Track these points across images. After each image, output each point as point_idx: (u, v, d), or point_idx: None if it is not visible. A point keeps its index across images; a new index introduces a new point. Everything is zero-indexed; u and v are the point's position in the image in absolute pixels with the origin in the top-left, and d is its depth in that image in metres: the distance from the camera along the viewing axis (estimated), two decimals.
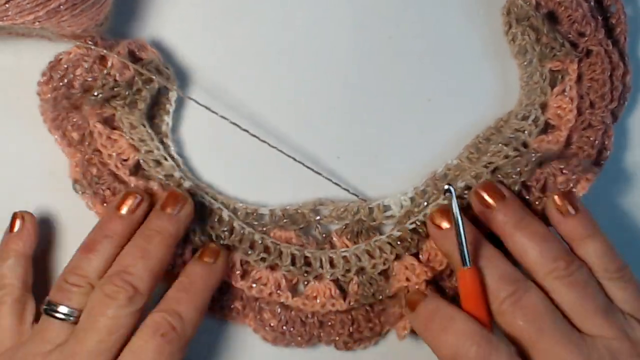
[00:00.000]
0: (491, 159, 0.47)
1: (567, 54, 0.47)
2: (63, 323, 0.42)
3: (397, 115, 0.50)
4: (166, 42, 0.49)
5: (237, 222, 0.47)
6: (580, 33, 0.47)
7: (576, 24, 0.47)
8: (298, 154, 0.49)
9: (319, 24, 0.50)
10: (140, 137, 0.47)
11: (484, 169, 0.47)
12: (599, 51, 0.47)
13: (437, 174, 0.49)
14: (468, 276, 0.43)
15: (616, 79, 0.48)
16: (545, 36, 0.47)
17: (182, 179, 0.47)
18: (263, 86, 0.50)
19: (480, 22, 0.51)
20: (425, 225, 0.47)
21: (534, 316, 0.42)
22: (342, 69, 0.50)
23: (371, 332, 0.48)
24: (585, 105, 0.48)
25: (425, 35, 0.50)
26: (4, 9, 0.42)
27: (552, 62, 0.48)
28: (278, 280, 0.46)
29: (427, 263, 0.46)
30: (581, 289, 0.43)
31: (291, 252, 0.47)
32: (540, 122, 0.48)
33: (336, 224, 0.49)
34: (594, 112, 0.48)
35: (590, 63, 0.48)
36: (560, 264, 0.43)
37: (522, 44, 0.48)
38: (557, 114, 0.48)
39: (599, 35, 0.47)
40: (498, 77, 0.50)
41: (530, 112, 0.48)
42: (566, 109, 0.47)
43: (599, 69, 0.47)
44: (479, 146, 0.49)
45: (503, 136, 0.48)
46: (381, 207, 0.49)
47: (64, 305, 0.43)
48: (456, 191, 0.45)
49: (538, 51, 0.48)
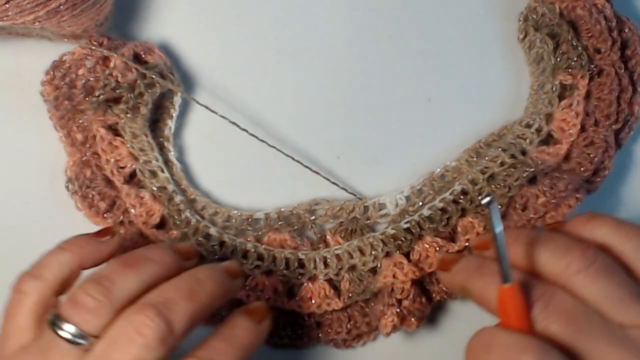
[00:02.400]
0: (488, 164, 0.47)
1: (582, 66, 0.47)
2: (71, 348, 0.35)
3: (397, 115, 0.50)
4: (174, 45, 0.49)
5: (227, 236, 0.47)
6: (596, 49, 0.47)
7: (593, 39, 0.47)
8: (298, 153, 0.49)
9: (320, 24, 0.50)
10: (141, 147, 0.47)
11: (480, 174, 0.47)
12: (610, 72, 0.47)
13: (434, 174, 0.49)
14: (512, 293, 0.38)
15: (623, 102, 0.48)
16: (566, 44, 0.47)
17: (175, 193, 0.47)
18: (264, 87, 0.49)
19: (480, 23, 0.50)
20: (419, 225, 0.47)
21: (567, 318, 0.37)
22: (342, 69, 0.50)
23: (368, 327, 0.48)
24: (589, 123, 0.47)
25: (425, 35, 0.50)
26: (4, 9, 0.42)
27: (564, 74, 0.47)
28: (275, 285, 0.46)
29: (416, 263, 0.46)
30: (606, 278, 0.38)
31: (285, 256, 0.47)
32: (542, 132, 0.48)
33: (331, 223, 0.49)
34: (597, 130, 0.47)
35: (600, 83, 0.47)
36: (575, 254, 0.38)
37: (540, 52, 0.48)
38: (560, 127, 0.48)
39: (613, 56, 0.47)
40: (498, 77, 0.50)
41: (534, 120, 0.48)
42: (570, 123, 0.47)
43: (607, 89, 0.47)
44: (479, 150, 0.49)
45: (504, 141, 0.48)
46: (376, 206, 0.49)
47: (72, 325, 0.36)
48: (455, 195, 0.45)
49: (553, 61, 0.48)
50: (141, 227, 0.46)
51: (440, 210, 0.47)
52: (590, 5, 0.47)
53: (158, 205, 0.46)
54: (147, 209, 0.46)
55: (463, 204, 0.47)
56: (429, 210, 0.47)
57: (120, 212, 0.47)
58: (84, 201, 0.47)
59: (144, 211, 0.46)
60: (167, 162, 0.48)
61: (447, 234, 0.47)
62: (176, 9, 0.49)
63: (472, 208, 0.47)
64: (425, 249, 0.46)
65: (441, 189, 0.48)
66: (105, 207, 0.46)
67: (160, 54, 0.47)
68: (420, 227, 0.47)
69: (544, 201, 0.45)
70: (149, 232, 0.46)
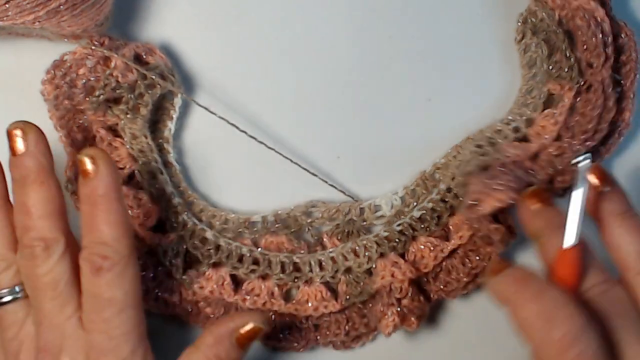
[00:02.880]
0: (464, 157, 0.47)
1: (572, 78, 0.46)
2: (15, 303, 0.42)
3: (397, 115, 0.50)
4: (174, 46, 0.49)
5: (223, 240, 0.47)
6: (589, 63, 0.47)
7: (587, 52, 0.47)
8: (297, 155, 0.49)
9: (320, 25, 0.50)
10: (141, 148, 0.47)
11: (457, 170, 0.47)
12: (597, 89, 0.46)
13: (426, 173, 0.49)
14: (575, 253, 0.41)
15: (604, 122, 0.47)
16: (560, 53, 0.47)
17: (173, 195, 0.47)
18: (264, 88, 0.49)
19: (480, 23, 0.50)
20: (412, 227, 0.47)
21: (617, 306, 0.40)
22: (342, 69, 0.50)
23: (366, 327, 0.48)
24: (567, 135, 0.47)
25: (425, 35, 0.50)
26: (4, 9, 0.42)
27: (553, 83, 0.47)
28: (271, 289, 0.46)
29: (412, 264, 0.47)
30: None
31: (280, 259, 0.47)
32: (520, 133, 0.47)
33: (328, 225, 0.49)
34: (572, 143, 0.47)
35: (586, 99, 0.47)
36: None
37: (533, 57, 0.48)
38: (537, 132, 0.47)
39: (604, 73, 0.46)
40: (498, 78, 0.50)
41: (515, 120, 0.48)
42: (548, 129, 0.47)
43: (591, 106, 0.46)
44: (464, 146, 0.49)
45: (481, 136, 0.48)
46: (372, 207, 0.49)
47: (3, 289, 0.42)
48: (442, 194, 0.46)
49: (545, 68, 0.48)
50: (138, 229, 0.46)
51: (431, 210, 0.47)
52: (590, 16, 0.46)
53: (155, 207, 0.46)
54: (145, 211, 0.46)
55: (450, 201, 0.47)
56: (420, 211, 0.47)
57: None
58: None
59: (141, 212, 0.46)
60: (166, 164, 0.48)
61: (440, 233, 0.47)
62: (176, 10, 0.49)
63: (460, 205, 0.47)
64: (420, 249, 0.47)
65: (434, 188, 0.48)
66: None
67: (161, 55, 0.47)
68: (413, 228, 0.47)
69: (475, 189, 0.45)
70: (146, 234, 0.46)
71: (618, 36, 0.48)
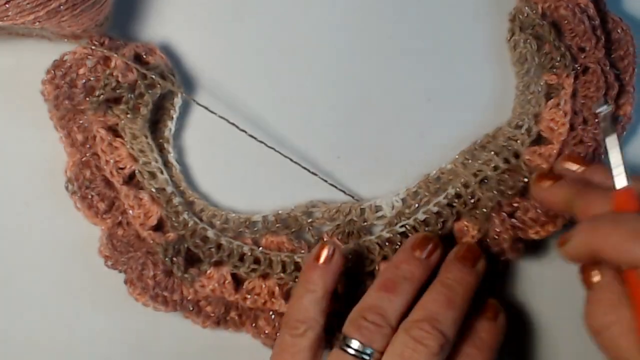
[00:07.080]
0: (481, 167, 0.47)
1: (566, 66, 0.47)
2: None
3: (397, 115, 0.50)
4: (174, 46, 0.49)
5: (224, 239, 0.47)
6: (580, 48, 0.47)
7: (577, 38, 0.47)
8: (298, 154, 0.49)
9: (320, 25, 0.50)
10: (141, 148, 0.47)
11: (472, 177, 0.47)
12: (595, 69, 0.47)
13: (430, 176, 0.49)
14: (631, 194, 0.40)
15: (610, 99, 0.47)
16: (549, 44, 0.47)
17: (173, 195, 0.47)
18: (264, 88, 0.49)
19: (480, 24, 0.50)
20: (415, 229, 0.47)
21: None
22: (342, 69, 0.50)
23: None
24: (578, 121, 0.47)
25: (426, 35, 0.50)
26: (4, 9, 0.42)
27: (549, 75, 0.47)
28: (271, 289, 0.46)
29: None
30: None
31: (281, 259, 0.47)
32: (533, 133, 0.47)
33: (328, 226, 0.49)
34: (586, 128, 0.47)
35: (586, 80, 0.47)
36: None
37: (523, 52, 0.48)
38: (549, 127, 0.47)
39: (598, 54, 0.47)
40: (498, 78, 0.50)
41: (523, 121, 0.48)
42: (559, 122, 0.47)
43: (593, 87, 0.47)
44: (474, 153, 0.49)
45: (496, 144, 0.48)
46: (373, 208, 0.48)
47: (357, 341, 0.42)
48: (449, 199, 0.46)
49: (537, 62, 0.48)
50: (138, 229, 0.46)
51: (436, 214, 0.47)
52: (574, 5, 0.47)
53: (156, 207, 0.46)
54: (146, 211, 0.46)
55: (457, 207, 0.47)
56: (424, 214, 0.47)
57: (118, 213, 0.47)
58: (83, 201, 0.47)
59: (142, 212, 0.46)
60: (166, 164, 0.48)
61: None
62: (176, 10, 0.49)
63: (467, 211, 0.47)
64: None
65: (437, 191, 0.48)
66: (104, 208, 0.47)
67: (161, 55, 0.47)
68: (417, 230, 0.47)
69: (534, 216, 0.46)
70: (146, 234, 0.46)
71: (614, 31, 0.48)
